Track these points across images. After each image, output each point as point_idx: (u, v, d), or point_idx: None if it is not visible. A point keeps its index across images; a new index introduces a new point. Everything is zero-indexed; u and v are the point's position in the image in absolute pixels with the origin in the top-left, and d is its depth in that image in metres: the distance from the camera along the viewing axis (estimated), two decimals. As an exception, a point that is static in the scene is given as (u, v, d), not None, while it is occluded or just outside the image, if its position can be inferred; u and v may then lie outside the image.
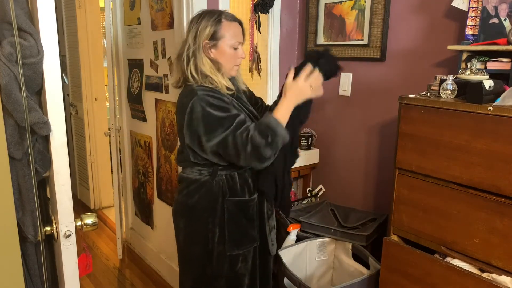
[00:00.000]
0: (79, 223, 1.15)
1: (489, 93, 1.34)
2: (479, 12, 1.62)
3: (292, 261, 2.01)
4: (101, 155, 3.90)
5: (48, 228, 1.16)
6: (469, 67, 1.49)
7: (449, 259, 1.47)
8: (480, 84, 1.33)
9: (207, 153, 1.50)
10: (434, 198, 1.49)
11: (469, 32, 1.65)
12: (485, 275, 1.38)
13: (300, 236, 2.11)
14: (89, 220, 1.17)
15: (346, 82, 2.32)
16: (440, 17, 1.87)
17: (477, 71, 1.46)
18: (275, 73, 2.50)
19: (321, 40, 2.44)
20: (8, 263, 0.89)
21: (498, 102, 1.33)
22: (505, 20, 1.56)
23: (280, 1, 2.42)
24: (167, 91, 2.52)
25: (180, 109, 1.53)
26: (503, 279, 1.32)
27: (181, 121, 1.51)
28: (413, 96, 1.54)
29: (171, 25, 2.35)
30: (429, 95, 1.55)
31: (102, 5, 3.45)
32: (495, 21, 1.57)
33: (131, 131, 3.04)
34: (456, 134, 1.39)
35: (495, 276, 1.35)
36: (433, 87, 1.57)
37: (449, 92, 1.45)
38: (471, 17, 1.64)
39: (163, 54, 2.50)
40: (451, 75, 1.48)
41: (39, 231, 1.13)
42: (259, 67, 2.41)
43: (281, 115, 1.47)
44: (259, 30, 2.36)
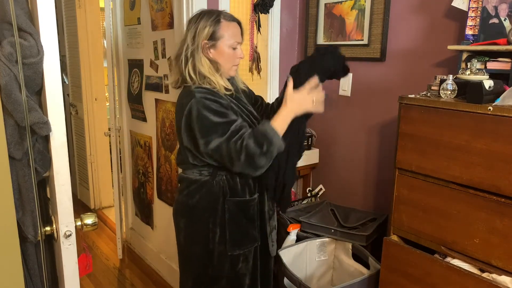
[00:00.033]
0: (79, 223, 1.15)
1: (489, 93, 1.34)
2: (479, 12, 1.62)
3: (292, 261, 2.01)
4: (101, 155, 3.90)
5: (48, 228, 1.16)
6: (469, 67, 1.49)
7: (449, 259, 1.47)
8: (480, 84, 1.33)
9: (204, 156, 1.51)
10: (434, 198, 1.49)
11: (469, 32, 1.65)
12: (485, 275, 1.38)
13: (300, 236, 2.11)
14: (89, 220, 1.17)
15: (346, 82, 2.32)
16: (440, 17, 1.87)
17: (477, 71, 1.46)
18: (275, 73, 2.50)
19: (321, 40, 2.44)
20: (8, 263, 0.89)
21: (498, 102, 1.33)
22: (505, 20, 1.56)
23: (280, 1, 2.42)
24: (167, 91, 2.52)
25: (178, 110, 1.53)
26: (503, 279, 1.32)
27: (179, 123, 1.52)
28: (413, 96, 1.54)
29: (171, 25, 2.35)
30: (429, 95, 1.54)
31: (102, 5, 3.45)
32: (495, 21, 1.57)
33: (131, 131, 3.04)
34: (456, 134, 1.39)
35: (495, 276, 1.35)
36: (433, 87, 1.57)
37: (449, 92, 1.45)
38: (471, 17, 1.64)
39: (163, 54, 2.50)
40: (451, 75, 1.48)
41: (39, 231, 1.13)
42: (259, 67, 2.41)
43: (278, 124, 1.47)
44: (259, 30, 2.36)
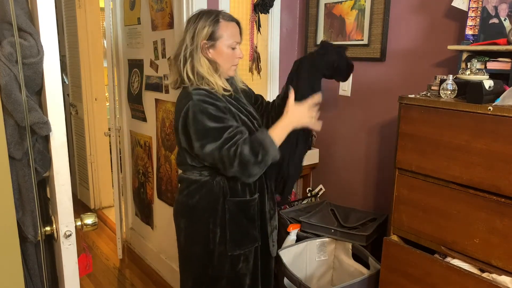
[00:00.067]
0: (79, 223, 1.15)
1: (489, 93, 1.34)
2: (479, 12, 1.62)
3: (292, 261, 2.01)
4: (101, 155, 3.90)
5: (48, 228, 1.16)
6: (469, 67, 1.49)
7: (449, 259, 1.47)
8: (480, 84, 1.33)
9: (201, 158, 1.51)
10: (434, 198, 1.49)
11: (469, 32, 1.65)
12: (485, 275, 1.38)
13: (300, 236, 2.11)
14: (89, 220, 1.17)
15: (346, 82, 2.31)
16: (440, 17, 1.87)
17: (477, 71, 1.46)
18: (275, 73, 2.50)
19: (321, 40, 2.44)
20: (8, 263, 0.89)
21: (498, 102, 1.33)
22: (505, 20, 1.56)
23: (280, 1, 2.42)
24: (167, 91, 2.52)
25: (176, 112, 1.53)
26: (503, 279, 1.32)
27: (176, 124, 1.52)
28: (413, 96, 1.54)
29: (171, 25, 2.35)
30: (429, 95, 1.54)
31: (102, 5, 3.45)
32: (495, 21, 1.57)
33: (131, 131, 3.04)
34: (456, 134, 1.39)
35: (495, 276, 1.35)
36: (433, 87, 1.57)
37: (449, 92, 1.45)
38: (471, 17, 1.64)
39: (163, 54, 2.50)
40: (451, 75, 1.48)
41: (39, 231, 1.13)
42: (259, 67, 2.41)
43: (276, 135, 1.48)
44: (259, 30, 2.36)
